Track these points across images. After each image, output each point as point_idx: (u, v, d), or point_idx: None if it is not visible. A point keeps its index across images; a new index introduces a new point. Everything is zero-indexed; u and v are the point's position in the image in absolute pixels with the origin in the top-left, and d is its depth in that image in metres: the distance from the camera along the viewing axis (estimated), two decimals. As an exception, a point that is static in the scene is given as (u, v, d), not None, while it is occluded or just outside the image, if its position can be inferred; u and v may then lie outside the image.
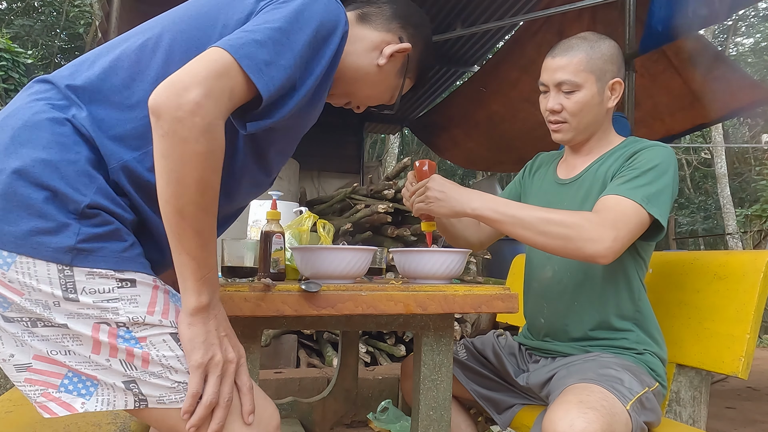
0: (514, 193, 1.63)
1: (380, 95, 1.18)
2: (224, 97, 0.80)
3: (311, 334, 3.24)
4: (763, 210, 9.32)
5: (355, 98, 1.18)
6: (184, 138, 0.77)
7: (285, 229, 1.27)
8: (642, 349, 1.33)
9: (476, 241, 1.59)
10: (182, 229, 0.81)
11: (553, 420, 1.04)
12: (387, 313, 1.08)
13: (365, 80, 1.13)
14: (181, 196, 0.80)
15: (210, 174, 0.81)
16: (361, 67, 1.11)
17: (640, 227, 1.22)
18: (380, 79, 1.15)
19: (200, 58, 0.81)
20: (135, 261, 0.85)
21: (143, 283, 0.85)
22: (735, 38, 14.67)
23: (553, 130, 1.42)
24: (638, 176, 1.25)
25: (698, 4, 2.75)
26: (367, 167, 7.95)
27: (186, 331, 0.84)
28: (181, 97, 0.77)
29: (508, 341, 1.56)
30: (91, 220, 0.82)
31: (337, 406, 1.82)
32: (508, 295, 1.16)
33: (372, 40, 1.12)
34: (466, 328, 3.43)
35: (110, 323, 0.82)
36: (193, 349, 0.83)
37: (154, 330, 0.84)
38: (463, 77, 6.57)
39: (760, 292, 1.29)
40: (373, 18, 1.13)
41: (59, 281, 0.79)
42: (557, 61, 1.38)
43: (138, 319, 0.83)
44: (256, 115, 0.88)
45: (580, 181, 1.42)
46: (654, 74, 3.99)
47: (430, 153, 12.89)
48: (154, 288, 0.86)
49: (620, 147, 1.40)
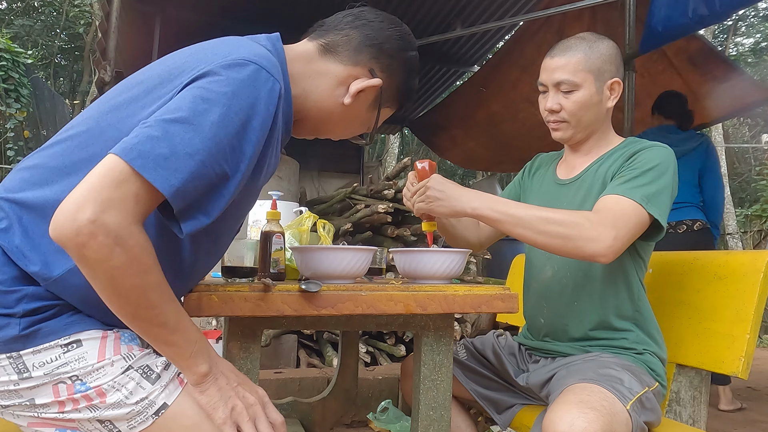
0: (514, 194, 1.63)
1: (353, 130, 1.12)
2: (129, 204, 0.76)
3: (311, 334, 3.24)
4: (763, 210, 9.31)
5: (325, 135, 1.12)
6: (97, 260, 0.75)
7: (285, 229, 1.27)
8: (641, 349, 1.33)
9: (476, 241, 1.59)
10: (145, 329, 0.83)
11: (553, 420, 1.04)
12: (387, 313, 1.08)
13: (331, 119, 1.06)
14: (126, 305, 0.80)
15: (143, 277, 0.78)
16: (325, 106, 1.03)
17: (640, 227, 1.22)
18: (349, 117, 1.07)
19: (97, 168, 0.77)
20: (77, 323, 0.89)
21: (89, 338, 0.88)
22: (735, 38, 14.67)
23: (553, 129, 1.43)
24: (638, 176, 1.25)
25: (698, 4, 2.75)
26: (367, 167, 7.95)
27: (201, 398, 0.88)
28: (75, 221, 0.73)
29: (507, 341, 1.56)
30: (30, 317, 0.86)
31: (337, 406, 1.82)
32: (508, 295, 1.16)
33: (336, 75, 1.02)
34: (466, 328, 3.43)
35: (65, 381, 0.86)
36: (214, 409, 0.87)
37: (107, 369, 0.87)
38: (463, 77, 6.57)
39: (760, 292, 1.29)
40: (339, 49, 1.03)
41: (12, 367, 0.84)
42: (556, 61, 1.38)
43: (89, 369, 0.86)
44: (186, 214, 0.81)
45: (579, 182, 1.42)
46: (654, 74, 3.99)
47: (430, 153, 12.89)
48: (102, 338, 0.89)
49: (620, 147, 1.40)
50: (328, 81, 1.03)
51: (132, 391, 0.87)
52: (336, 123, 1.07)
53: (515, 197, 1.62)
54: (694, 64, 3.82)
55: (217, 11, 4.34)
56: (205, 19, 4.30)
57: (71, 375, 0.85)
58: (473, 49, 5.64)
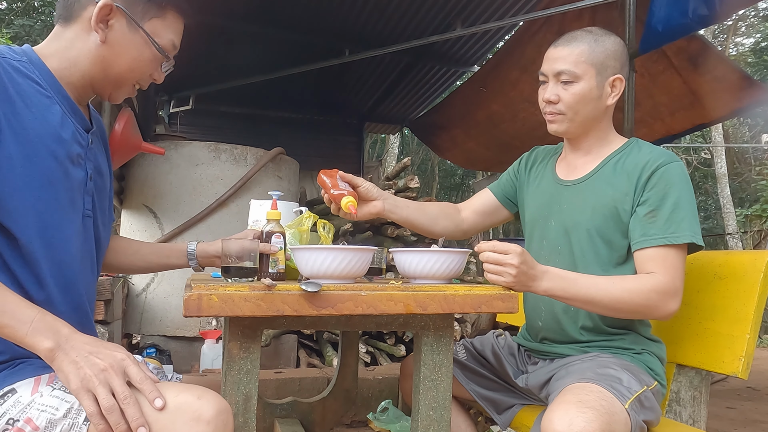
0: (509, 186, 1.61)
1: (141, 66, 1.12)
2: None
3: (311, 334, 3.24)
4: (763, 210, 9.30)
5: (126, 82, 1.13)
6: None
7: (285, 229, 1.27)
8: (640, 349, 1.33)
9: (455, 228, 1.58)
10: None
11: (552, 419, 1.04)
12: (387, 313, 1.08)
13: (107, 64, 1.08)
14: None
15: None
16: (92, 57, 1.07)
17: (685, 258, 1.27)
18: (118, 52, 1.09)
19: None
20: (11, 377, 0.94)
21: (23, 385, 0.93)
22: (735, 38, 14.66)
23: (549, 121, 1.41)
24: (670, 209, 1.26)
25: (698, 4, 2.75)
26: (367, 167, 7.96)
27: (59, 374, 0.89)
28: None
29: (507, 341, 1.56)
30: None
31: (337, 406, 1.82)
32: (508, 295, 1.16)
33: (77, 30, 1.07)
34: (466, 328, 3.43)
35: (9, 424, 0.88)
36: (68, 381, 0.87)
37: (36, 399, 0.91)
38: (463, 77, 6.57)
39: (760, 292, 1.29)
40: (70, 13, 1.07)
41: None
42: (559, 51, 1.37)
43: (22, 407, 0.90)
44: None
45: (583, 185, 1.41)
46: (654, 74, 3.99)
47: (430, 153, 12.89)
48: (36, 381, 0.94)
49: (624, 153, 1.39)
50: (78, 40, 1.07)
51: (57, 406, 0.90)
52: (115, 65, 1.09)
53: (510, 190, 1.61)
54: (694, 64, 3.82)
55: (216, 11, 4.34)
56: (204, 19, 4.29)
57: (9, 419, 0.89)
58: (473, 49, 5.64)
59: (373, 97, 6.77)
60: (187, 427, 0.87)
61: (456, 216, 1.60)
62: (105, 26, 1.06)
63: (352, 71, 5.77)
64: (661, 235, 1.25)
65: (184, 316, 0.97)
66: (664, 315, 1.24)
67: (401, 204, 1.50)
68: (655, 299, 1.22)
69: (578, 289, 1.22)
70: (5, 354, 0.97)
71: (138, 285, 3.38)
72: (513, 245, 1.18)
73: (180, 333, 3.34)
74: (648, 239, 1.26)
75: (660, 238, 1.25)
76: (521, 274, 1.16)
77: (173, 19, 1.13)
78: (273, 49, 5.20)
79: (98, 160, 1.18)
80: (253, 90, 5.59)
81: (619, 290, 1.22)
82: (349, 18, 4.77)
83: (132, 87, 1.16)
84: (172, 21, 1.13)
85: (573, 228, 1.38)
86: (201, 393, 0.92)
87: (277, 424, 1.70)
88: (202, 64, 4.97)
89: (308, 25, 4.82)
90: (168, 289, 3.35)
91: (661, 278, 1.23)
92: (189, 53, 5.03)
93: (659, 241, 1.25)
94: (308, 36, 5.02)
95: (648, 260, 1.26)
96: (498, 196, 1.62)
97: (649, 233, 1.26)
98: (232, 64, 5.29)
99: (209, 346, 2.95)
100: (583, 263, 1.36)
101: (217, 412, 0.90)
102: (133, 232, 3.42)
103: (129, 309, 3.35)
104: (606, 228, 1.33)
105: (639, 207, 1.30)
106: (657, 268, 1.24)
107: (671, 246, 1.24)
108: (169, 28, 1.13)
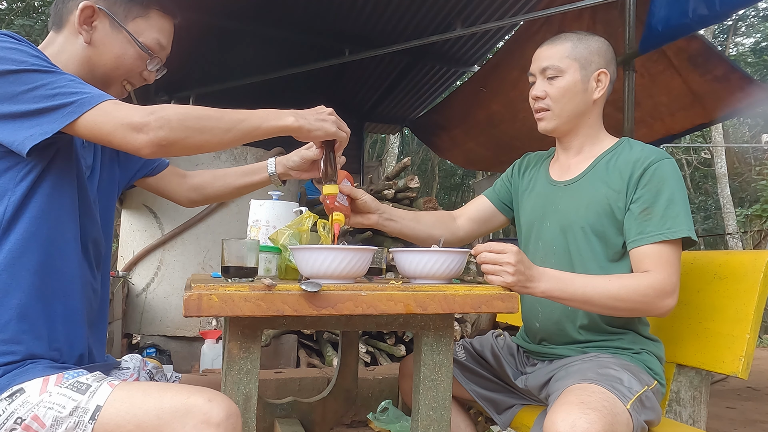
0: (504, 191, 1.63)
1: (127, 63, 1.14)
2: None
3: (311, 334, 3.24)
4: (763, 210, 9.29)
5: (117, 78, 1.15)
6: None
7: (285, 229, 1.27)
8: (639, 349, 1.33)
9: (450, 237, 1.58)
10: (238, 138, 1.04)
11: (554, 421, 1.04)
12: (387, 313, 1.08)
13: (95, 64, 1.11)
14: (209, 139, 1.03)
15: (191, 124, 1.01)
16: (76, 67, 1.10)
17: (680, 254, 1.28)
18: (103, 51, 1.12)
19: None
20: (20, 376, 0.95)
21: (32, 384, 0.94)
22: (735, 38, 14.66)
23: (538, 119, 1.45)
24: (664, 205, 1.27)
25: (698, 4, 2.75)
26: (367, 167, 7.96)
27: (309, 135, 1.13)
28: None
29: (506, 342, 1.56)
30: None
31: (337, 406, 1.82)
32: (508, 295, 1.16)
33: (66, 34, 1.10)
34: (466, 328, 3.43)
35: (17, 423, 0.90)
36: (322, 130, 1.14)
37: (44, 398, 0.92)
38: (463, 77, 6.57)
39: (760, 292, 1.29)
40: (60, 19, 1.10)
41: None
42: (545, 50, 1.43)
43: (31, 406, 0.91)
44: None
45: (577, 185, 1.42)
46: (654, 74, 3.99)
47: (430, 153, 12.88)
48: (44, 381, 0.94)
49: (616, 151, 1.40)
50: (68, 44, 1.10)
51: (64, 404, 0.91)
52: (100, 63, 1.12)
53: (506, 195, 1.62)
54: (694, 64, 3.82)
55: (216, 11, 4.34)
56: (204, 19, 4.30)
57: (16, 418, 0.90)
58: (473, 49, 5.64)
59: (373, 97, 6.77)
60: (196, 429, 0.89)
61: (452, 224, 1.61)
62: (89, 27, 1.09)
63: (352, 71, 5.77)
64: (657, 231, 1.26)
65: (184, 316, 0.97)
66: (662, 312, 1.24)
67: (396, 216, 1.51)
68: (653, 296, 1.23)
69: (575, 288, 1.23)
70: (17, 354, 0.98)
71: (138, 285, 3.38)
72: (509, 245, 1.19)
73: (180, 333, 3.34)
74: (645, 236, 1.27)
75: (657, 234, 1.26)
76: (519, 273, 1.17)
77: (158, 18, 1.15)
78: (273, 49, 5.21)
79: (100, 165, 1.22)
80: (253, 90, 5.59)
81: (616, 288, 1.23)
82: (349, 18, 4.77)
83: (121, 86, 1.18)
84: (157, 20, 1.15)
85: (568, 227, 1.39)
86: (212, 396, 0.93)
87: (277, 424, 1.70)
88: (202, 64, 4.97)
89: (308, 25, 4.83)
90: (168, 289, 3.35)
91: (657, 275, 1.24)
92: (189, 53, 5.04)
93: (656, 237, 1.25)
94: (308, 36, 5.02)
95: (644, 257, 1.27)
96: (494, 201, 1.63)
97: (645, 231, 1.27)
98: (232, 64, 5.29)
99: (209, 346, 2.95)
100: (579, 261, 1.36)
101: (227, 415, 0.91)
102: (133, 232, 3.42)
103: (129, 309, 3.35)
104: (600, 225, 1.34)
105: (633, 205, 1.31)
106: (653, 265, 1.25)
107: (667, 242, 1.25)
108: (153, 27, 1.15)
